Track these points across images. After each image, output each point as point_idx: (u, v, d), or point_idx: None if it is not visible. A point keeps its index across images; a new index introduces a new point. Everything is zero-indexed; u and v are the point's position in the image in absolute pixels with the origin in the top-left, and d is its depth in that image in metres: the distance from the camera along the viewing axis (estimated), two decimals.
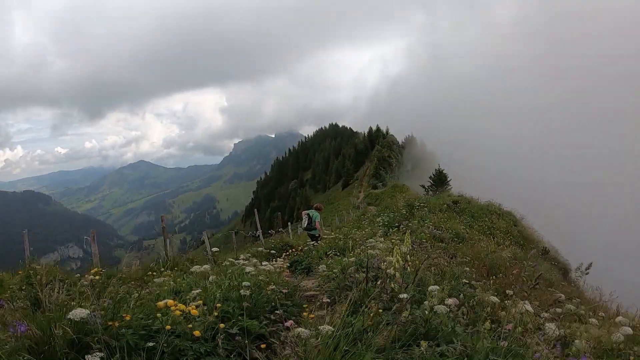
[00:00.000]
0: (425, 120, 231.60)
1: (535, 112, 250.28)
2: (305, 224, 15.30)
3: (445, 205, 19.47)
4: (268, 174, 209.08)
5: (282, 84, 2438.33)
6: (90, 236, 11.31)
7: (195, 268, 5.35)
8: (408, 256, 4.68)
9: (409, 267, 4.74)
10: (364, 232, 13.26)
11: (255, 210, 18.27)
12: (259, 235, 19.07)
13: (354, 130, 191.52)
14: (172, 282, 5.32)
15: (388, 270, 4.48)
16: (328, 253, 9.22)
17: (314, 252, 10.89)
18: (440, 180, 50.83)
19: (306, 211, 15.57)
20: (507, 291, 5.41)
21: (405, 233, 12.70)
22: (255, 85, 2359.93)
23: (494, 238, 16.57)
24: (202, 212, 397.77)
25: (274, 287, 4.90)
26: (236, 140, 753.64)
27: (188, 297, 4.26)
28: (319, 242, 13.54)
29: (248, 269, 5.40)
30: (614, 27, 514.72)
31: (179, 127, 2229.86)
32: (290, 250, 12.57)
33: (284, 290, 5.12)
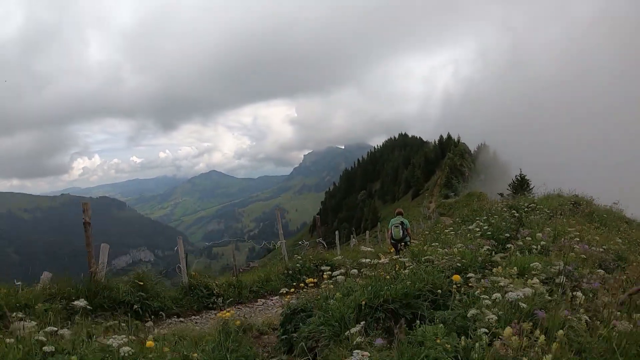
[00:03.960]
0: (498, 126, 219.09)
1: (627, 113, 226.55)
2: (401, 235, 13.06)
3: (566, 208, 12.95)
4: (337, 184, 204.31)
5: (352, 94, 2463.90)
6: None
7: None
8: None
9: None
10: (454, 250, 6.54)
11: (277, 211, 12.74)
12: (274, 247, 13.87)
13: (424, 139, 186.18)
14: None
15: None
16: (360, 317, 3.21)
17: (332, 302, 4.91)
18: (521, 187, 43.98)
19: (393, 222, 13.38)
20: None
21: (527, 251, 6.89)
22: (324, 96, 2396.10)
23: None
24: (270, 222, 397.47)
25: None
26: (306, 152, 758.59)
27: None
28: (407, 245, 11.75)
29: None
30: None
31: (249, 138, 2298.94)
32: (310, 282, 6.57)
33: None
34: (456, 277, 4.51)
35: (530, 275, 4.47)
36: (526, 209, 11.55)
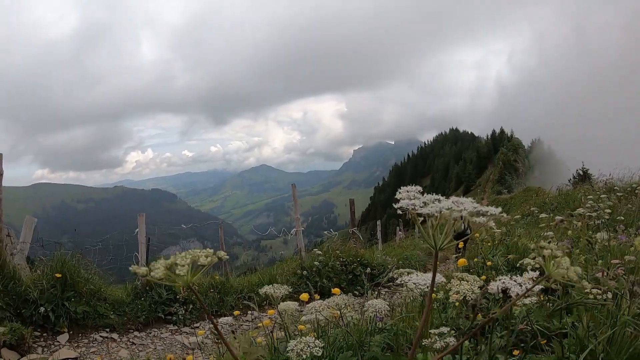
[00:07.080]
0: (554, 119, 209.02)
1: None
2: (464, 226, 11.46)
3: None
4: (386, 180, 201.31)
5: (402, 89, 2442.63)
6: None
7: None
8: None
9: None
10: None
11: (293, 187, 10.06)
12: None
13: (475, 134, 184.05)
14: None
15: None
16: None
17: None
18: (583, 183, 40.14)
19: None
20: None
21: None
22: (374, 90, 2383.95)
23: None
24: (320, 216, 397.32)
25: None
26: (356, 147, 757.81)
27: None
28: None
29: None
30: None
31: (299, 133, 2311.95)
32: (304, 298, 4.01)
33: None
34: None
35: None
36: (626, 193, 8.58)
